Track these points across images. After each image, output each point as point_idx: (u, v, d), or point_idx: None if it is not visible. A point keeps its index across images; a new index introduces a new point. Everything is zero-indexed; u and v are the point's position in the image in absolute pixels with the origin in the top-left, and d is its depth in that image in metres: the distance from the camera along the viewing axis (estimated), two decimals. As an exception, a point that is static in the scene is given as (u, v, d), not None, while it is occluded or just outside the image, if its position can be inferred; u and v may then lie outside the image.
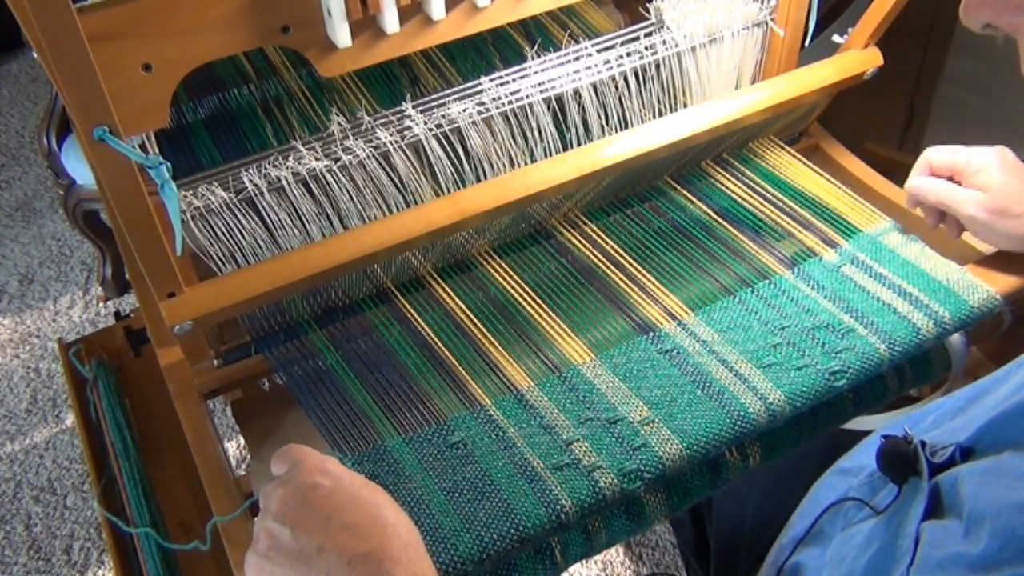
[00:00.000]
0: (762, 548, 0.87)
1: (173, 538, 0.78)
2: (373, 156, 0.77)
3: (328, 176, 0.76)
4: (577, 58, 0.83)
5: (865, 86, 0.94)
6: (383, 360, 0.77)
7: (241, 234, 0.75)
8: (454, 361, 0.76)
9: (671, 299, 0.80)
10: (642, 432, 0.68)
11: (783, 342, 0.74)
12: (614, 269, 0.83)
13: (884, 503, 0.57)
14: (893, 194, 0.94)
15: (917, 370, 0.78)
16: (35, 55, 0.60)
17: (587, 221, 0.89)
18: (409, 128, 0.78)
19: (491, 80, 0.81)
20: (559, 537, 0.67)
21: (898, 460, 0.55)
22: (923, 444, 0.54)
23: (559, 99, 0.83)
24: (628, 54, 0.84)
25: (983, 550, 0.44)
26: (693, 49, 0.86)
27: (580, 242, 0.87)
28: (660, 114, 0.88)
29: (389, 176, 0.79)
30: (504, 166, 0.83)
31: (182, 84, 0.65)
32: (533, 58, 0.83)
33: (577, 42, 0.84)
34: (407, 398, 0.73)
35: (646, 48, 0.85)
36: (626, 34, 0.86)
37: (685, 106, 0.89)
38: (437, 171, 0.80)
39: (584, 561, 1.07)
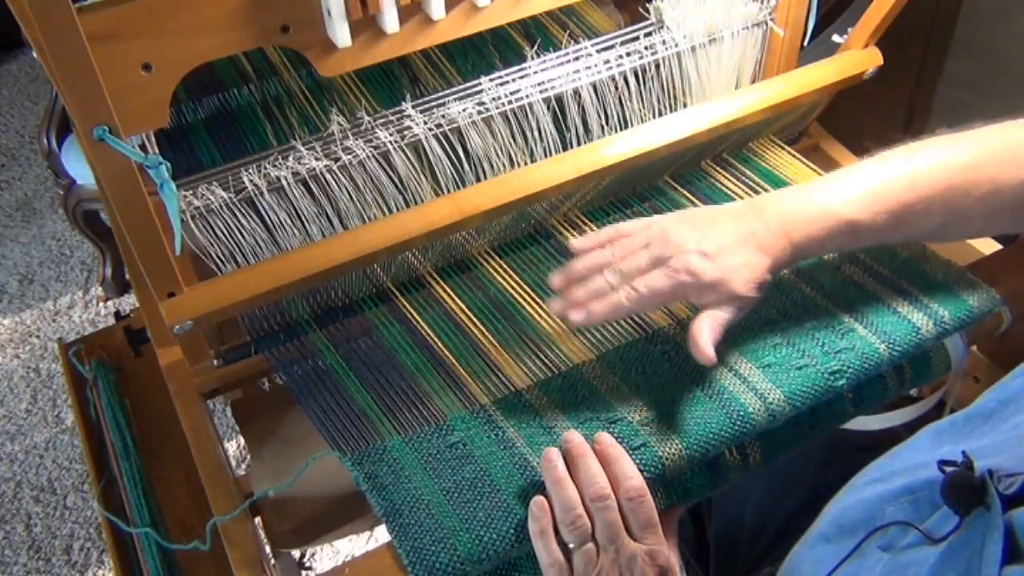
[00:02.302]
0: (761, 547, 0.87)
1: (173, 538, 0.78)
2: (373, 156, 0.77)
3: (328, 176, 0.76)
4: (577, 58, 0.83)
5: (865, 86, 0.94)
6: (383, 360, 0.77)
7: (241, 234, 0.75)
8: (454, 361, 0.76)
9: (671, 299, 0.80)
10: (642, 432, 0.68)
11: (783, 342, 0.74)
12: (614, 269, 0.83)
13: (940, 531, 0.53)
14: (893, 194, 0.94)
15: (917, 370, 0.78)
16: (35, 55, 0.60)
17: (587, 221, 0.89)
18: (409, 128, 0.78)
19: (491, 80, 0.81)
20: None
21: (965, 491, 0.51)
22: (990, 473, 0.50)
23: (559, 99, 0.83)
24: (628, 54, 0.84)
25: None
26: (693, 49, 0.86)
27: (580, 242, 0.86)
28: (660, 114, 0.88)
29: (389, 176, 0.79)
30: (504, 166, 0.83)
31: (182, 84, 0.65)
32: (533, 58, 0.83)
33: (577, 42, 0.84)
34: (407, 398, 0.74)
35: (646, 48, 0.85)
36: (626, 34, 0.86)
37: (685, 106, 0.89)
38: (437, 171, 0.80)
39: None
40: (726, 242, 0.67)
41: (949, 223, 0.70)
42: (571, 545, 0.61)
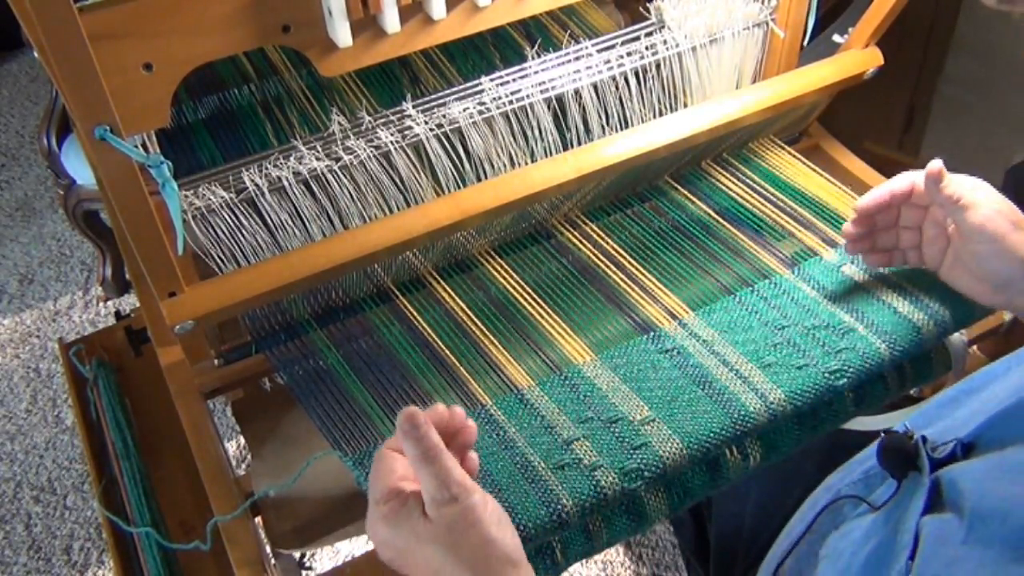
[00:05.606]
0: (761, 547, 0.87)
1: (174, 538, 0.78)
2: (374, 156, 0.77)
3: (329, 176, 0.76)
4: (577, 58, 0.83)
5: (865, 86, 0.94)
6: (384, 360, 0.77)
7: (242, 234, 0.75)
8: (454, 361, 0.76)
9: (671, 299, 0.80)
10: (643, 431, 0.68)
11: (783, 341, 0.74)
12: (614, 269, 0.83)
13: (881, 499, 0.57)
14: (893, 194, 0.94)
15: (918, 369, 0.78)
16: (35, 55, 0.60)
17: (587, 221, 0.89)
18: (410, 128, 0.78)
19: (491, 80, 0.81)
20: (560, 536, 0.67)
21: (898, 455, 0.55)
22: (923, 439, 0.54)
23: (559, 99, 0.83)
24: (628, 54, 0.84)
25: (999, 547, 0.44)
26: (694, 49, 0.86)
27: (580, 242, 0.87)
28: (660, 114, 0.88)
29: (390, 176, 0.79)
30: (504, 166, 0.83)
31: (182, 83, 0.65)
32: (533, 58, 0.83)
33: (577, 42, 0.84)
34: (408, 398, 0.74)
35: (647, 48, 0.85)
36: (626, 34, 0.86)
37: (685, 106, 0.89)
38: (438, 171, 0.80)
39: (584, 561, 1.07)
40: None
41: None
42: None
